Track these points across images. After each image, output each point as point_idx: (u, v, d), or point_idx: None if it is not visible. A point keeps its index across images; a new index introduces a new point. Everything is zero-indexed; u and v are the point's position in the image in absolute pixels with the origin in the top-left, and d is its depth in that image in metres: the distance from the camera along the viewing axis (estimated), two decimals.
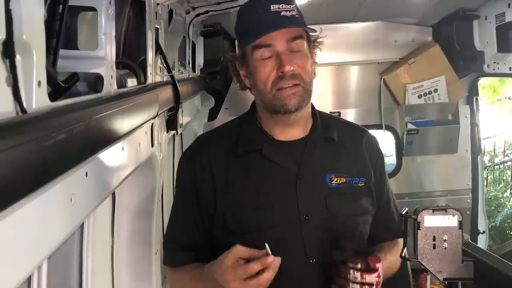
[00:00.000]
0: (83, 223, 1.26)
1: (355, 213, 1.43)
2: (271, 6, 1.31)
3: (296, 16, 1.32)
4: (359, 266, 1.22)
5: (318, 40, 1.42)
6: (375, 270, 1.23)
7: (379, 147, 1.57)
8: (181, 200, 1.48)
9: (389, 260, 1.43)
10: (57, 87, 0.81)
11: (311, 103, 1.45)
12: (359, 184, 1.43)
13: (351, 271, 1.22)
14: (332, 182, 1.41)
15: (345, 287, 1.24)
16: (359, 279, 1.22)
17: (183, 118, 2.19)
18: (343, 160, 1.45)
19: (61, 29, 0.81)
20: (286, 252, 1.33)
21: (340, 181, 1.41)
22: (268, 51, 1.32)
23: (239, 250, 1.24)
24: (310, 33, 1.39)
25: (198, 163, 1.42)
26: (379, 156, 1.54)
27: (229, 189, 1.39)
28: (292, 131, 1.43)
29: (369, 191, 1.46)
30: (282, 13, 1.31)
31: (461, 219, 1.27)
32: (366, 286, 1.22)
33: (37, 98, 0.69)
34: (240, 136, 1.43)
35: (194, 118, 2.97)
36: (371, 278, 1.22)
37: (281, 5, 1.31)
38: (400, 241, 1.45)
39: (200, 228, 1.43)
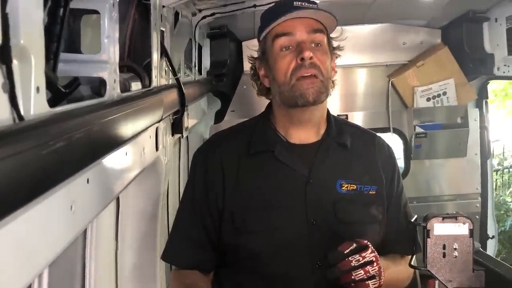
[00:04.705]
0: (86, 228, 1.25)
1: (364, 220, 1.40)
2: (294, 2, 1.33)
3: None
4: (353, 245, 1.22)
5: (338, 40, 1.42)
6: (367, 246, 1.23)
7: (393, 155, 1.54)
8: (191, 201, 1.46)
9: (392, 269, 1.38)
10: (58, 93, 0.79)
11: (327, 108, 1.44)
12: (370, 192, 1.41)
13: (349, 258, 1.21)
14: (343, 188, 1.39)
15: (349, 278, 1.22)
16: (359, 259, 1.21)
17: (188, 121, 2.17)
18: (355, 166, 1.43)
19: (62, 33, 0.80)
20: (291, 255, 1.33)
21: (351, 187, 1.39)
22: (289, 40, 1.32)
23: None
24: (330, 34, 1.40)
25: (210, 163, 1.42)
26: (392, 163, 1.51)
27: (239, 188, 1.38)
28: (306, 133, 1.41)
29: (380, 199, 1.43)
30: (305, 4, 1.34)
31: (472, 227, 1.23)
32: (368, 267, 1.21)
33: (36, 104, 0.67)
34: (253, 135, 1.43)
35: (200, 120, 2.95)
36: (367, 254, 1.22)
37: (304, 3, 1.33)
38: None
39: (209, 227, 1.41)
